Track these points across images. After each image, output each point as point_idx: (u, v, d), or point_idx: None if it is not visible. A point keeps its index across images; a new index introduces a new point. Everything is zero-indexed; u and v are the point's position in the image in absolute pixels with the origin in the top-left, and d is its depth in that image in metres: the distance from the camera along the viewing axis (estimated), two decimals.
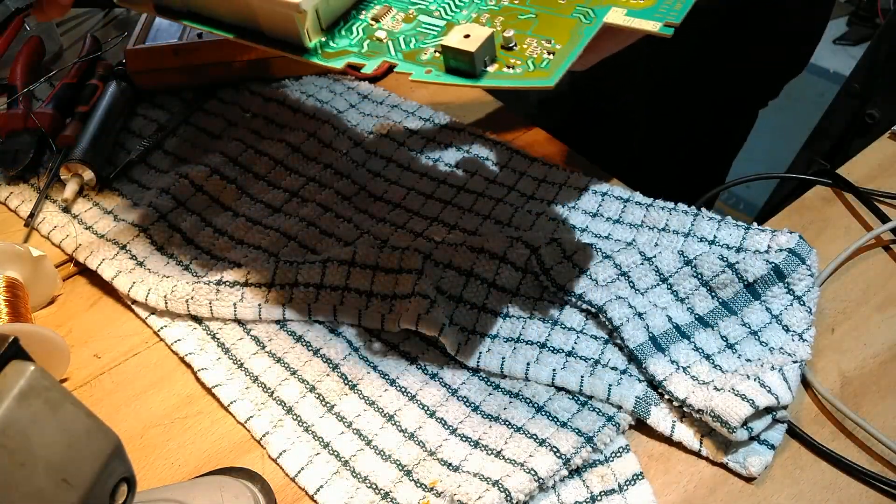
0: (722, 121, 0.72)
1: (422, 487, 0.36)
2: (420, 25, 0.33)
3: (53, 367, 0.42)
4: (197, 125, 0.59)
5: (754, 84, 0.70)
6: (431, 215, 0.50)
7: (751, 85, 0.70)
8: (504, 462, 0.36)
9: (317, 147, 0.55)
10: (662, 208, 0.47)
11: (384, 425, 0.39)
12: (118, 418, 0.41)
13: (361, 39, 0.33)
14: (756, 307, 0.41)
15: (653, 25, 0.29)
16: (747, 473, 0.36)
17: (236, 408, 0.40)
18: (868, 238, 0.45)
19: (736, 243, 0.44)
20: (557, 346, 0.41)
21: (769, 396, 0.35)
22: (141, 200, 0.53)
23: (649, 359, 0.38)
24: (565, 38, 0.30)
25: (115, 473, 0.23)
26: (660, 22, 0.29)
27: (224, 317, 0.44)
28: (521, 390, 0.39)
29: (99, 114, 0.57)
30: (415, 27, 0.32)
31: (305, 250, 0.48)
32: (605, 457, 0.37)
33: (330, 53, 0.32)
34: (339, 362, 0.42)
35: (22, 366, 0.21)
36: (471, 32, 0.29)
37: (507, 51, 0.30)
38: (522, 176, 0.52)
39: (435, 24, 0.32)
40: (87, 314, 0.47)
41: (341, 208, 0.50)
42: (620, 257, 0.43)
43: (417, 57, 0.31)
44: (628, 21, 0.30)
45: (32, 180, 0.56)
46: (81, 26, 0.76)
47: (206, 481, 0.36)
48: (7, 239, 0.48)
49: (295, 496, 0.37)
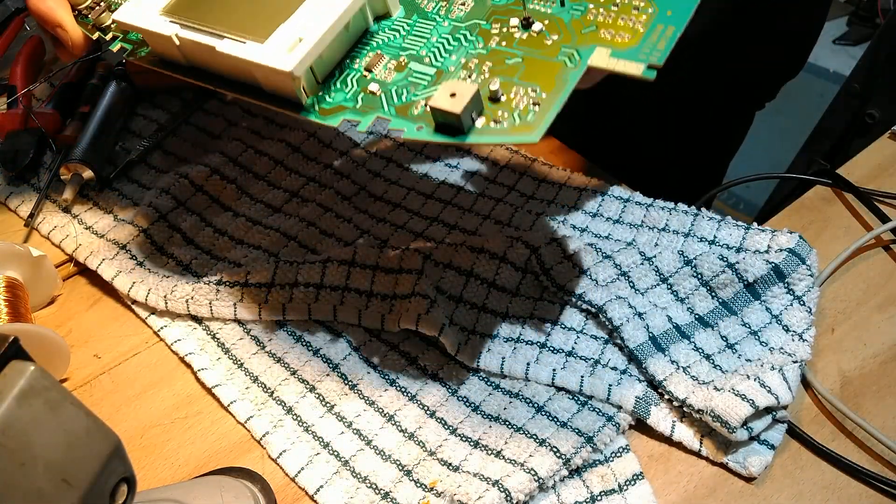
0: (719, 122, 0.72)
1: (422, 487, 0.36)
2: (411, 74, 0.33)
3: (53, 367, 0.42)
4: (197, 125, 0.59)
5: (751, 85, 0.70)
6: (431, 215, 0.50)
7: (748, 86, 0.70)
8: (504, 462, 0.36)
9: (317, 147, 0.55)
10: (662, 208, 0.47)
11: (384, 425, 0.39)
12: (118, 418, 0.41)
13: (356, 93, 0.33)
14: (756, 307, 0.41)
15: (636, 68, 0.29)
16: (747, 473, 0.36)
17: (236, 408, 0.40)
18: (868, 238, 0.45)
19: (736, 243, 0.44)
20: (557, 346, 0.41)
21: (769, 396, 0.35)
22: (141, 200, 0.53)
23: (649, 359, 0.38)
24: (550, 85, 0.30)
25: (115, 473, 0.23)
26: (643, 63, 0.29)
27: (224, 317, 0.44)
28: (521, 390, 0.39)
29: (99, 114, 0.57)
30: (406, 77, 0.33)
31: (305, 250, 0.48)
32: (605, 457, 0.37)
33: (326, 110, 0.33)
34: (339, 362, 0.42)
35: (22, 366, 0.21)
36: (457, 90, 0.29)
37: (494, 102, 0.30)
38: (522, 176, 0.52)
39: (425, 73, 0.33)
40: (87, 314, 0.47)
41: (341, 208, 0.50)
42: (620, 257, 0.43)
43: (409, 111, 0.32)
44: (612, 63, 0.30)
45: (32, 180, 0.56)
46: None
47: (206, 481, 0.36)
48: (7, 239, 0.48)
49: (295, 496, 0.37)
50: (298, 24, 0.32)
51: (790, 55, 0.69)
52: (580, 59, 0.31)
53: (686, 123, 0.71)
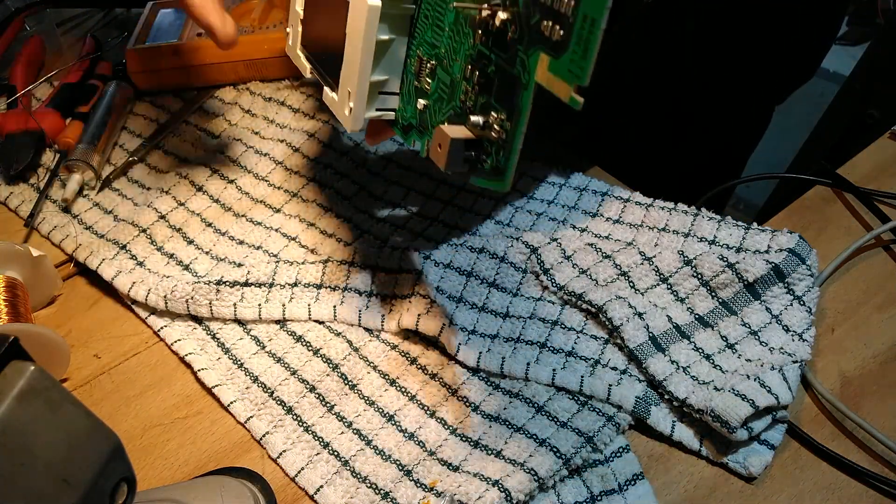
0: (728, 125, 0.72)
1: (422, 487, 0.36)
2: (440, 85, 0.31)
3: (53, 367, 0.42)
4: (197, 125, 0.59)
5: (762, 89, 0.70)
6: (431, 215, 0.50)
7: (759, 90, 0.69)
8: (504, 462, 0.36)
9: (317, 147, 0.55)
10: (662, 208, 0.47)
11: (384, 425, 0.39)
12: (118, 418, 0.41)
13: (414, 109, 0.33)
14: (756, 307, 0.41)
15: (566, 92, 0.25)
16: (747, 473, 0.36)
17: (236, 408, 0.40)
18: (868, 238, 0.45)
19: (736, 243, 0.43)
20: (557, 346, 0.40)
21: (769, 396, 0.35)
22: (141, 200, 0.53)
23: (649, 359, 0.38)
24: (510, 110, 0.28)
25: (115, 473, 0.23)
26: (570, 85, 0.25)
27: (224, 317, 0.44)
28: (521, 390, 0.39)
29: (99, 114, 0.57)
30: (437, 87, 0.31)
31: (305, 250, 0.48)
32: (605, 457, 0.36)
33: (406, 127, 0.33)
34: (339, 362, 0.42)
35: (22, 366, 0.21)
36: (441, 141, 0.28)
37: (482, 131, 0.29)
38: (522, 176, 0.52)
39: (444, 83, 0.31)
40: (87, 314, 0.47)
41: (341, 208, 0.50)
42: (620, 257, 0.43)
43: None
44: (550, 81, 0.26)
45: (32, 180, 0.56)
46: (81, 26, 0.76)
47: (205, 481, 0.36)
48: (7, 239, 0.48)
49: (295, 496, 0.37)
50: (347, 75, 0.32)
51: (803, 62, 0.69)
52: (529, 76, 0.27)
53: (694, 126, 0.71)
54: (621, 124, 0.72)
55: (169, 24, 0.64)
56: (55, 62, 0.69)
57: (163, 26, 0.63)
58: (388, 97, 0.34)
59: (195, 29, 0.62)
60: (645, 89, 0.70)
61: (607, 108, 0.72)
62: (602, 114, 0.72)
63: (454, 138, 0.28)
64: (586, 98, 0.25)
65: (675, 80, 0.68)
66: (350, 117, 0.32)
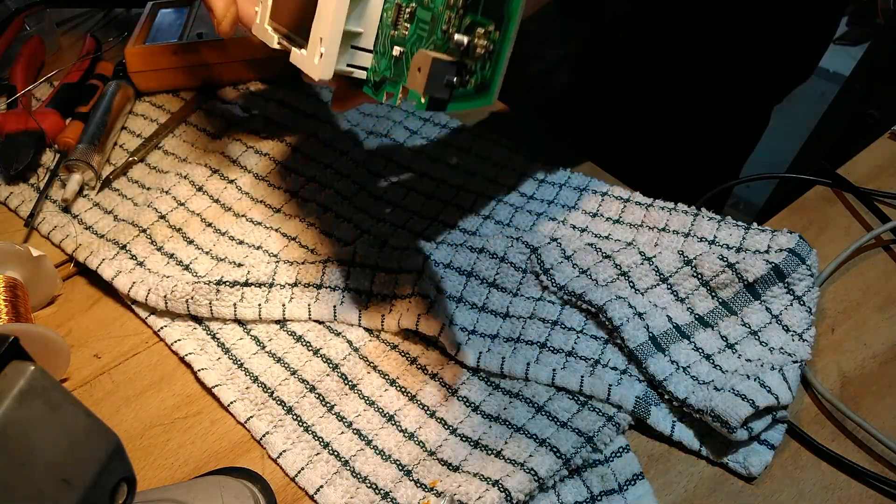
0: (727, 125, 0.72)
1: (422, 487, 0.36)
2: (419, 25, 0.31)
3: (53, 367, 0.42)
4: (197, 125, 0.59)
5: (760, 89, 0.70)
6: (431, 215, 0.50)
7: (757, 90, 0.70)
8: (504, 462, 0.36)
9: (317, 147, 0.55)
10: (662, 208, 0.47)
11: (384, 425, 0.39)
12: (118, 418, 0.41)
13: (389, 59, 0.32)
14: (756, 307, 0.41)
15: None
16: (747, 473, 0.36)
17: (236, 408, 0.40)
18: (868, 238, 0.45)
19: (736, 243, 0.43)
20: (557, 346, 0.40)
21: (769, 396, 0.35)
22: (141, 200, 0.53)
23: (649, 359, 0.38)
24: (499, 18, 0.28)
25: (115, 473, 0.23)
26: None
27: (224, 317, 0.44)
28: (521, 390, 0.39)
29: (99, 114, 0.57)
30: (416, 29, 0.31)
31: (305, 250, 0.48)
32: (605, 457, 0.36)
33: (377, 83, 0.32)
34: (339, 362, 0.42)
35: (22, 366, 0.21)
36: (421, 64, 0.28)
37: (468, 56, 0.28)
38: (522, 176, 0.52)
39: (424, 21, 0.31)
40: (87, 314, 0.47)
41: (341, 208, 0.50)
42: (620, 257, 0.43)
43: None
44: None
45: (32, 180, 0.56)
46: (81, 26, 0.76)
47: (206, 481, 0.36)
48: (7, 239, 0.48)
49: (295, 496, 0.37)
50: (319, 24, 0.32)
51: (800, 62, 0.69)
52: None
53: (690, 126, 0.71)
54: (621, 124, 0.72)
55: (169, 24, 0.64)
56: (55, 62, 0.69)
57: (163, 26, 0.63)
58: (361, 53, 0.33)
59: (195, 29, 0.62)
60: (643, 89, 0.70)
61: (607, 109, 0.72)
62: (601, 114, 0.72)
63: (436, 58, 0.27)
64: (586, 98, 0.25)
65: (674, 81, 0.68)
66: (319, 65, 0.31)
